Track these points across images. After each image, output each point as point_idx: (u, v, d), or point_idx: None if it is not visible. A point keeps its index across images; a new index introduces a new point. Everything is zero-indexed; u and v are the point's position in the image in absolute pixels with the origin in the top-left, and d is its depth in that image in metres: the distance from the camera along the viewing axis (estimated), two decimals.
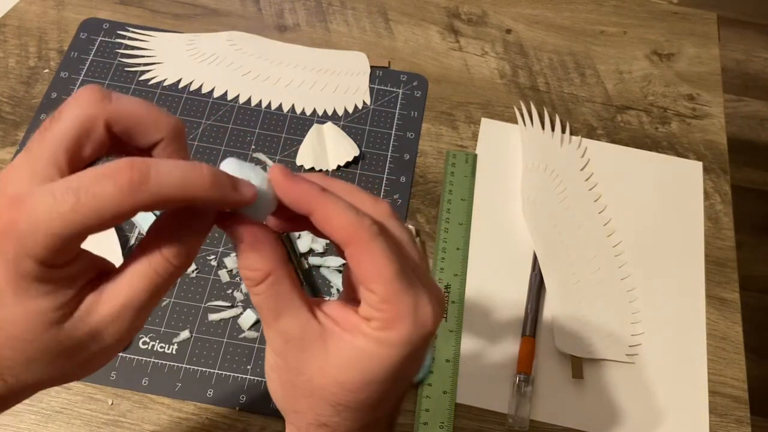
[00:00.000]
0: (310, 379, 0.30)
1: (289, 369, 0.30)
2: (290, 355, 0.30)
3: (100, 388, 0.52)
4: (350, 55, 0.70)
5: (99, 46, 0.68)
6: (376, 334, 0.29)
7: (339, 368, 0.29)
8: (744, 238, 0.87)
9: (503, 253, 0.60)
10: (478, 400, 0.53)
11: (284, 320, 0.29)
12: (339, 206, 0.29)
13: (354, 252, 0.28)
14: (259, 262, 0.29)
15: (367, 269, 0.28)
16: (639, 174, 0.65)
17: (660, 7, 0.77)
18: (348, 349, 0.29)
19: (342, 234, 0.28)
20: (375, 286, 0.28)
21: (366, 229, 0.28)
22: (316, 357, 0.29)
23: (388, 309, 0.28)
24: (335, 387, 0.29)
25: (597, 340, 0.56)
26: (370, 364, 0.29)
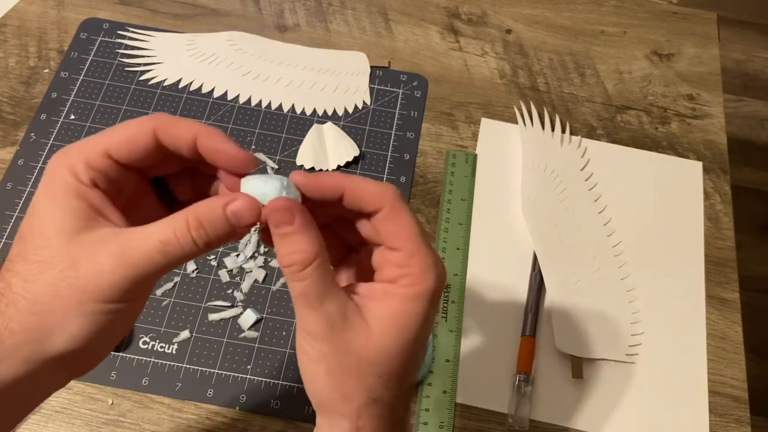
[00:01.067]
0: (357, 355, 0.31)
1: (336, 351, 0.31)
2: (337, 337, 0.31)
3: (100, 388, 0.52)
4: (350, 55, 0.70)
5: (99, 46, 0.68)
6: (406, 291, 0.31)
7: (381, 336, 0.31)
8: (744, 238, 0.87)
9: (503, 253, 0.60)
10: (478, 400, 0.53)
11: (329, 303, 0.31)
12: (364, 180, 0.32)
13: (384, 215, 0.32)
14: (308, 244, 0.31)
15: (395, 228, 0.32)
16: (639, 174, 0.65)
17: (660, 7, 0.77)
18: (385, 316, 0.31)
19: (373, 200, 0.32)
20: (402, 243, 0.32)
21: (392, 194, 0.32)
22: (360, 332, 0.31)
23: (415, 263, 0.31)
24: (380, 356, 0.31)
25: (597, 340, 0.56)
26: (406, 322, 0.31)
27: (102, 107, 0.64)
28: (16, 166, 0.60)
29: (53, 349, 0.30)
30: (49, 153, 0.61)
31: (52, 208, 0.30)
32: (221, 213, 0.31)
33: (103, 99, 0.65)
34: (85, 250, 0.29)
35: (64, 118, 0.63)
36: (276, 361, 0.53)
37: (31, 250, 0.30)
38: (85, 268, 0.29)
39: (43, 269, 0.29)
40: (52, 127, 0.63)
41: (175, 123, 0.32)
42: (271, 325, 0.55)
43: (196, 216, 0.30)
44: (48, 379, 0.32)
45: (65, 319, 0.29)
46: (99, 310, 0.30)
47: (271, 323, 0.55)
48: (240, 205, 0.31)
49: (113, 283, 0.29)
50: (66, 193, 0.30)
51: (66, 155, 0.31)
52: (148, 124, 0.32)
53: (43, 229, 0.30)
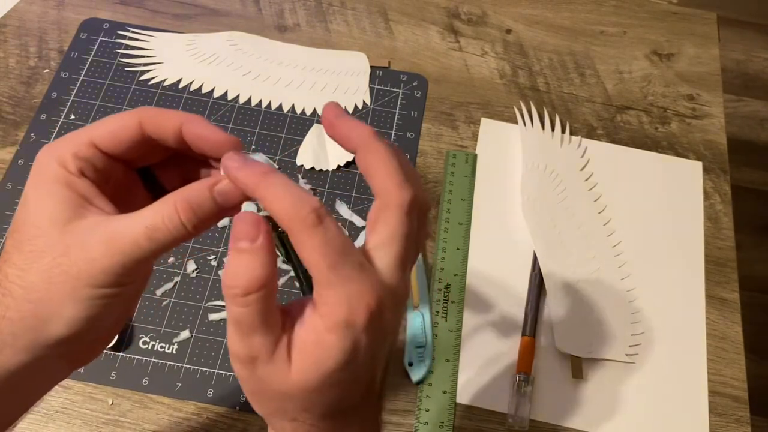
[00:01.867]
0: (278, 388, 0.30)
1: (255, 381, 0.30)
2: (257, 370, 0.30)
3: (100, 388, 0.52)
4: (350, 55, 0.70)
5: (99, 46, 0.68)
6: (321, 322, 0.29)
7: (299, 371, 0.29)
8: (744, 238, 0.87)
9: (503, 253, 0.60)
10: (478, 400, 0.53)
11: (258, 337, 0.29)
12: (279, 192, 0.29)
13: (293, 238, 0.29)
14: (260, 270, 0.29)
15: (305, 255, 0.29)
16: (639, 174, 0.65)
17: (660, 7, 0.77)
18: (305, 347, 0.29)
19: (281, 220, 0.29)
20: (313, 271, 0.29)
21: (302, 218, 0.28)
22: (280, 369, 0.29)
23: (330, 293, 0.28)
24: (298, 391, 0.30)
25: (597, 340, 0.56)
26: (324, 356, 0.29)
27: (102, 107, 0.64)
28: (16, 166, 0.60)
29: (51, 336, 0.30)
30: None
31: (43, 198, 0.31)
32: (208, 194, 0.31)
33: (103, 99, 0.65)
34: (76, 237, 0.30)
35: (65, 118, 0.63)
36: None
37: (24, 240, 0.30)
38: (77, 255, 0.30)
39: (36, 258, 0.30)
40: (52, 127, 0.63)
41: (160, 113, 0.32)
42: None
43: (184, 199, 0.30)
44: (48, 369, 0.32)
45: (60, 305, 0.30)
46: (93, 295, 0.30)
47: None
48: (226, 185, 0.31)
49: (104, 268, 0.30)
50: (55, 183, 0.31)
51: (53, 147, 0.32)
52: (133, 116, 0.32)
53: (35, 219, 0.30)
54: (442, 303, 0.57)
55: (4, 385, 0.31)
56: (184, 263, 0.57)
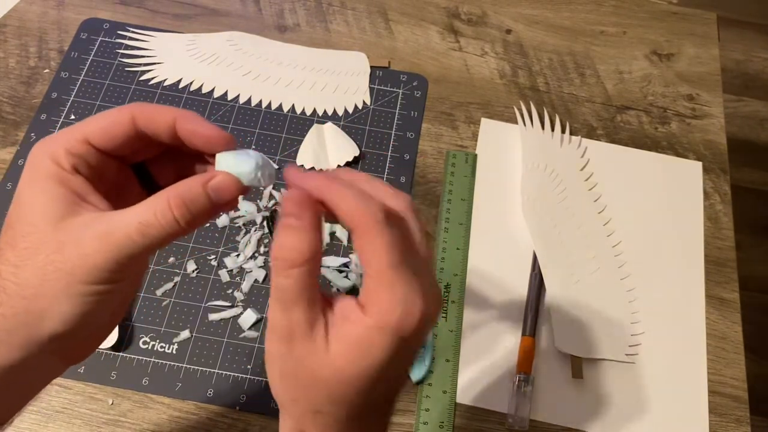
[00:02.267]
0: (312, 371, 0.30)
1: (293, 358, 0.31)
2: (296, 346, 0.30)
3: (100, 388, 0.52)
4: (350, 55, 0.70)
5: (99, 46, 0.68)
6: (369, 321, 0.30)
7: (337, 359, 0.30)
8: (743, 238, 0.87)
9: (503, 253, 0.60)
10: (478, 400, 0.53)
11: (298, 311, 0.30)
12: (348, 193, 0.30)
13: (358, 236, 0.30)
14: (306, 244, 0.30)
15: (368, 254, 0.30)
16: (639, 174, 0.65)
17: (660, 7, 0.77)
18: (347, 340, 0.30)
19: (348, 218, 0.30)
20: (372, 270, 0.30)
21: (371, 216, 0.30)
22: (319, 350, 0.30)
23: (382, 297, 0.30)
24: (333, 379, 0.30)
25: (597, 340, 0.56)
26: (367, 352, 0.30)
27: (102, 107, 0.64)
28: (17, 166, 0.60)
29: (45, 332, 0.30)
30: None
31: (37, 195, 0.31)
32: (202, 190, 0.31)
33: (104, 99, 0.65)
34: (70, 234, 0.30)
35: (65, 118, 0.63)
36: None
37: (18, 237, 0.30)
38: (71, 251, 0.30)
39: (31, 255, 0.30)
40: (52, 127, 0.63)
41: (153, 109, 0.33)
42: None
43: (177, 195, 0.31)
44: (42, 366, 0.32)
45: (55, 301, 0.30)
46: (87, 291, 0.30)
47: None
48: (220, 181, 0.31)
49: (98, 264, 0.30)
50: (48, 180, 0.31)
51: (46, 144, 0.32)
52: (126, 112, 0.32)
53: (29, 216, 0.31)
54: (443, 303, 0.57)
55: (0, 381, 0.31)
56: (184, 263, 0.57)
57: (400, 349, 0.30)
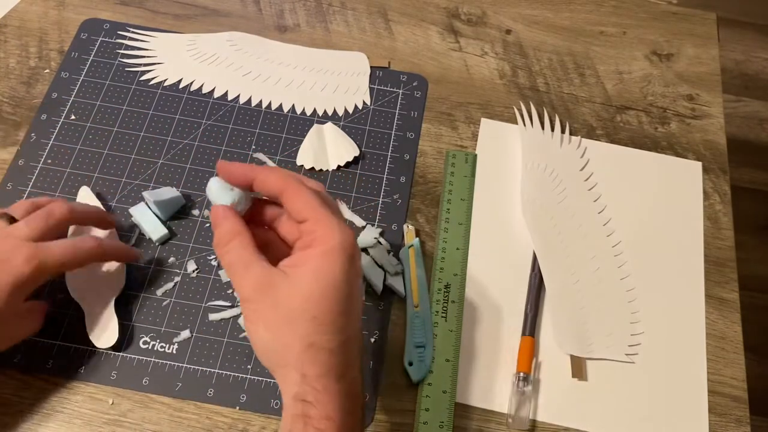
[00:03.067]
0: (286, 306, 0.37)
1: (267, 307, 0.38)
2: (265, 295, 0.38)
3: (100, 388, 0.52)
4: (350, 55, 0.70)
5: (99, 47, 0.68)
6: (318, 250, 0.38)
7: (303, 286, 0.38)
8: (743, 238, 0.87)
9: (503, 253, 0.60)
10: (478, 400, 0.53)
11: (253, 270, 0.38)
12: (271, 170, 0.41)
13: (289, 196, 0.40)
14: (229, 226, 0.40)
15: (300, 204, 0.40)
16: (638, 174, 0.65)
17: (659, 7, 0.77)
18: (306, 272, 0.38)
19: (277, 186, 0.40)
20: (306, 213, 0.39)
21: (295, 180, 0.41)
22: (284, 288, 0.38)
23: (321, 227, 0.39)
24: (306, 302, 0.37)
25: (597, 340, 0.56)
26: (324, 272, 0.38)
27: (102, 107, 0.64)
28: (17, 167, 0.60)
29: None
30: (49, 153, 0.61)
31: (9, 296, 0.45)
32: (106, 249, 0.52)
33: (104, 99, 0.65)
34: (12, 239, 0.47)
35: (65, 118, 0.63)
36: None
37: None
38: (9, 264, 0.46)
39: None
40: (52, 128, 0.63)
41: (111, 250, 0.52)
42: None
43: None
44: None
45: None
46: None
47: None
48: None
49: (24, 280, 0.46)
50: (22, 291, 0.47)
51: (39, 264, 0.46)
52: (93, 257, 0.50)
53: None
54: (442, 303, 0.57)
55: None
56: (185, 263, 0.57)
57: (348, 267, 0.38)
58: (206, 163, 0.62)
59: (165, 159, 0.62)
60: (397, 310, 0.57)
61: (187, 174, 0.61)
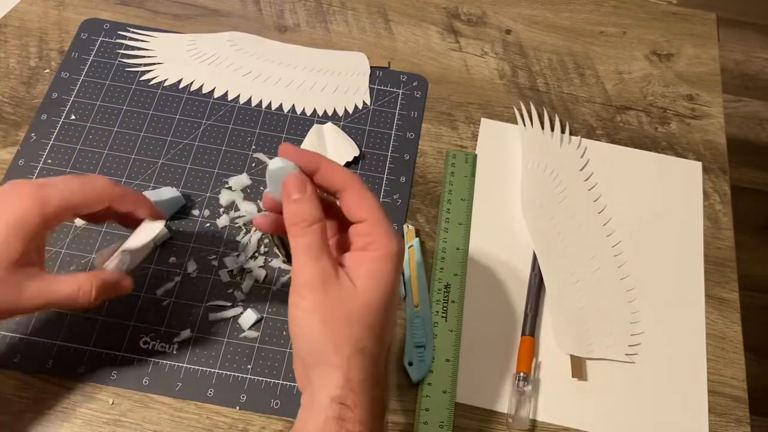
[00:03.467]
0: (347, 307, 0.38)
1: (329, 301, 0.37)
2: (330, 289, 0.38)
3: (100, 388, 0.52)
4: (350, 55, 0.70)
5: (100, 47, 0.68)
6: (376, 254, 0.39)
7: (364, 291, 0.38)
8: (743, 238, 0.87)
9: (503, 253, 0.60)
10: (478, 400, 0.53)
11: (324, 260, 0.38)
12: (337, 164, 0.41)
13: (351, 193, 0.40)
14: (315, 209, 0.39)
15: (361, 204, 0.40)
16: (638, 174, 0.65)
17: (659, 7, 0.77)
18: (364, 275, 0.38)
19: (342, 181, 0.40)
20: (366, 215, 0.40)
21: (358, 179, 0.41)
22: (348, 288, 0.38)
23: (379, 231, 0.39)
24: (365, 308, 0.38)
25: (597, 340, 0.56)
26: (381, 279, 0.38)
27: (102, 107, 0.64)
28: (17, 166, 0.60)
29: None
30: (49, 153, 0.61)
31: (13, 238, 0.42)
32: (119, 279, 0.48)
33: (104, 99, 0.65)
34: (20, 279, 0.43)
35: (65, 118, 0.63)
36: (276, 361, 0.53)
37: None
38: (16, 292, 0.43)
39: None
40: (52, 128, 0.63)
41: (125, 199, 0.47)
42: (272, 325, 0.55)
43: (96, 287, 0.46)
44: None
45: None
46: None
47: (272, 323, 0.55)
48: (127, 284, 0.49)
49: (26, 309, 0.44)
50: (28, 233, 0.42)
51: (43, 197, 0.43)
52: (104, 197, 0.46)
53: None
54: (442, 303, 0.57)
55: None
56: (185, 263, 0.57)
57: (397, 272, 0.39)
58: (206, 163, 0.62)
59: (165, 159, 0.62)
60: (397, 309, 0.57)
61: (187, 174, 0.61)
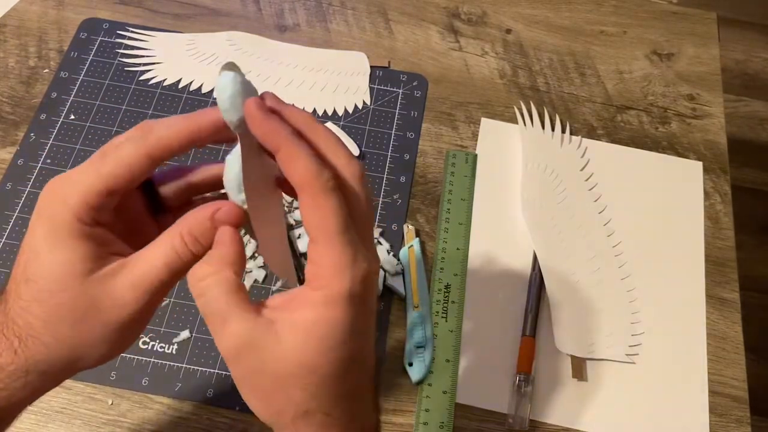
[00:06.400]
0: (274, 373, 0.30)
1: (252, 373, 0.30)
2: (249, 359, 0.30)
3: (100, 388, 0.52)
4: (350, 55, 0.70)
5: (99, 46, 0.68)
6: (317, 296, 0.29)
7: (295, 349, 0.29)
8: (744, 238, 0.87)
9: (503, 253, 0.60)
10: (478, 400, 0.53)
11: (232, 325, 0.30)
12: (303, 152, 0.30)
13: (305, 199, 0.30)
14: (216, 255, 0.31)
15: (315, 218, 0.30)
16: (639, 174, 0.65)
17: (660, 7, 0.77)
18: (298, 327, 0.29)
19: (299, 179, 0.30)
20: (317, 234, 0.30)
21: (322, 181, 0.29)
22: (272, 350, 0.30)
23: (326, 262, 0.29)
24: (300, 369, 0.30)
25: (597, 340, 0.56)
26: (323, 331, 0.29)
27: (102, 107, 0.64)
28: (16, 166, 0.60)
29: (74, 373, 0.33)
30: (49, 153, 0.61)
31: (62, 253, 0.31)
32: (210, 224, 0.32)
33: (103, 99, 0.65)
34: (102, 288, 0.31)
35: (64, 118, 0.63)
36: None
37: (46, 293, 0.31)
38: (106, 304, 0.31)
39: (65, 312, 0.31)
40: (52, 127, 0.63)
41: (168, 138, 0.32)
42: None
43: (190, 232, 0.32)
44: None
45: (92, 349, 0.32)
46: (122, 336, 0.32)
47: None
48: (224, 213, 0.32)
49: (133, 312, 0.31)
50: (72, 238, 0.31)
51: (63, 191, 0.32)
52: (141, 151, 0.32)
53: (55, 274, 0.31)
54: (442, 303, 0.57)
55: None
56: None
57: (357, 317, 0.30)
58: (206, 162, 0.62)
59: None
60: (397, 310, 0.56)
61: None
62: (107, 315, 0.31)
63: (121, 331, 0.32)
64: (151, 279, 0.31)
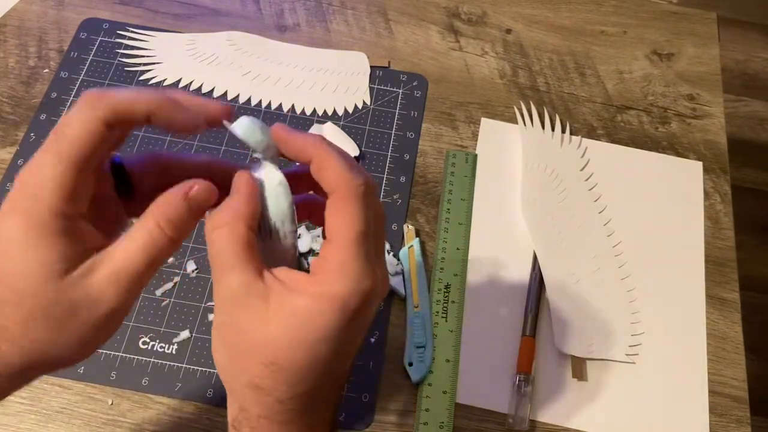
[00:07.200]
0: (248, 334, 0.30)
1: (233, 326, 0.30)
2: (235, 312, 0.30)
3: (99, 388, 0.52)
4: (350, 55, 0.70)
5: (99, 46, 0.68)
6: (315, 289, 0.29)
7: (275, 325, 0.29)
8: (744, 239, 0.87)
9: (503, 253, 0.60)
10: (478, 400, 0.53)
11: (235, 276, 0.30)
12: (337, 157, 0.31)
13: (335, 202, 0.30)
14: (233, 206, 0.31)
15: (338, 222, 0.30)
16: (639, 174, 0.65)
17: (660, 7, 0.77)
18: (287, 307, 0.29)
19: (331, 182, 0.30)
20: (336, 237, 0.30)
21: (354, 186, 0.30)
22: (257, 315, 0.30)
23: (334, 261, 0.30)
24: (268, 344, 0.30)
25: (597, 340, 0.56)
26: (305, 321, 0.29)
27: None
28: (16, 167, 0.60)
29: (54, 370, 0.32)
30: None
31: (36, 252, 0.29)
32: (186, 206, 0.31)
33: None
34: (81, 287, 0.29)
35: None
36: None
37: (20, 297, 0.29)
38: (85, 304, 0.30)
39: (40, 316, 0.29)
40: (51, 128, 0.62)
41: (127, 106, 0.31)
42: None
43: (165, 217, 0.31)
44: None
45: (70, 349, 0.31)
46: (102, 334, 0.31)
47: None
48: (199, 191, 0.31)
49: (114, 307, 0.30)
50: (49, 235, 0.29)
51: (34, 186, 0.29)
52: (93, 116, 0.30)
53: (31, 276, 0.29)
54: (442, 303, 0.57)
55: None
56: (184, 263, 0.57)
57: (347, 326, 0.29)
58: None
59: None
60: (397, 310, 0.56)
61: None
62: (86, 314, 0.29)
63: (99, 330, 0.30)
64: (131, 270, 0.30)
